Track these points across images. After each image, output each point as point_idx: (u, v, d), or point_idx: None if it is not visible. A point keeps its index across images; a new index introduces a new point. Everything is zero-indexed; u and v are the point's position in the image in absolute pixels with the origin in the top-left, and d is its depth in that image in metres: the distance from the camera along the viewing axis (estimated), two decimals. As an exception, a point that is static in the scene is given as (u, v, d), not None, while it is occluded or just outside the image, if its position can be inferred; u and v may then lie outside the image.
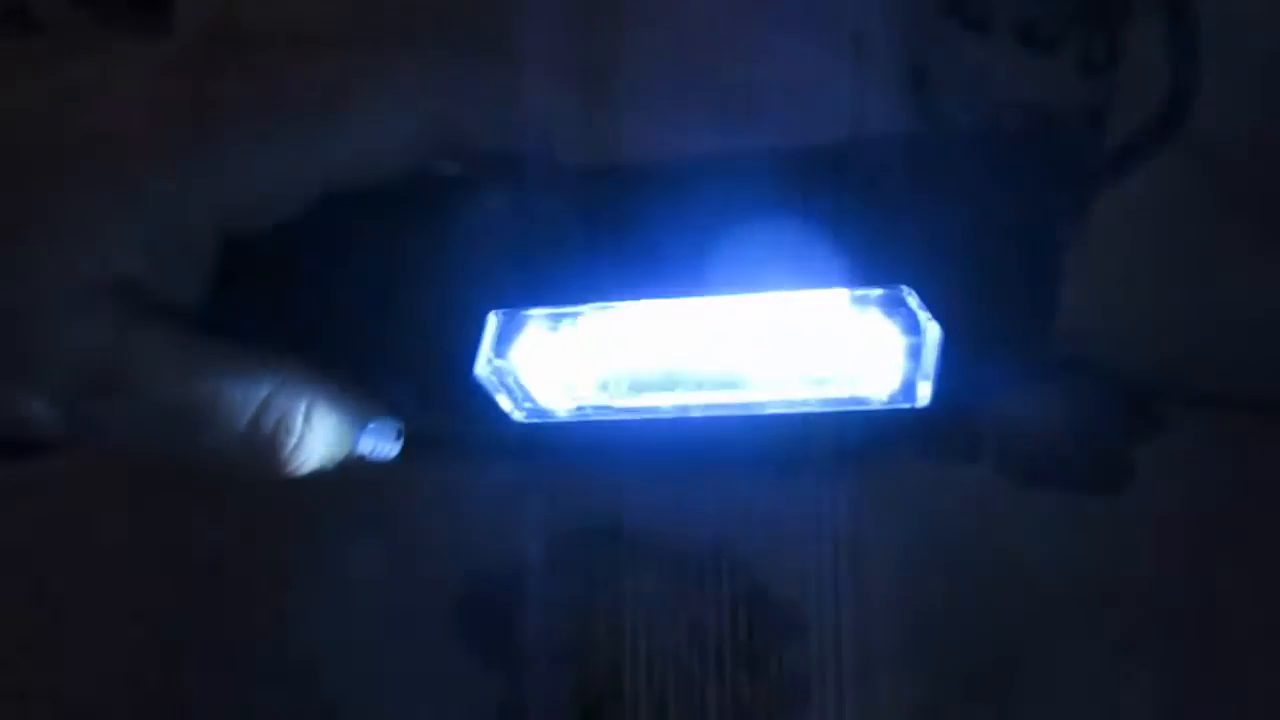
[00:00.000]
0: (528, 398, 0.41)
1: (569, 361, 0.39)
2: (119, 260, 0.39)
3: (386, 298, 0.41)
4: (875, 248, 0.33)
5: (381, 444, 0.44)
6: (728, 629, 0.50)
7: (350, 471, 0.49)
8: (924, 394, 0.34)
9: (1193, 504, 0.49)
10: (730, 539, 0.50)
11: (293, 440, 0.41)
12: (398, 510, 0.52)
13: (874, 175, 0.33)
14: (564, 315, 0.38)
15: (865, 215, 0.33)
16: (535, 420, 0.41)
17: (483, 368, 0.39)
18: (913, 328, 0.33)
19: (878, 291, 0.33)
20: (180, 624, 0.53)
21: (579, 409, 0.41)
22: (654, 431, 0.40)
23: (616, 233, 0.37)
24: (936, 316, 0.33)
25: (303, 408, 0.41)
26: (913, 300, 0.33)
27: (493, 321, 0.39)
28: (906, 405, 0.35)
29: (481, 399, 0.40)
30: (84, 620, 0.53)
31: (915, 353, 0.34)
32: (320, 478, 0.43)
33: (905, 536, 0.50)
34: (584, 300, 0.38)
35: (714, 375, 0.38)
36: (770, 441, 0.44)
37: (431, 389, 0.42)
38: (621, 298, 0.37)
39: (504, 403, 0.41)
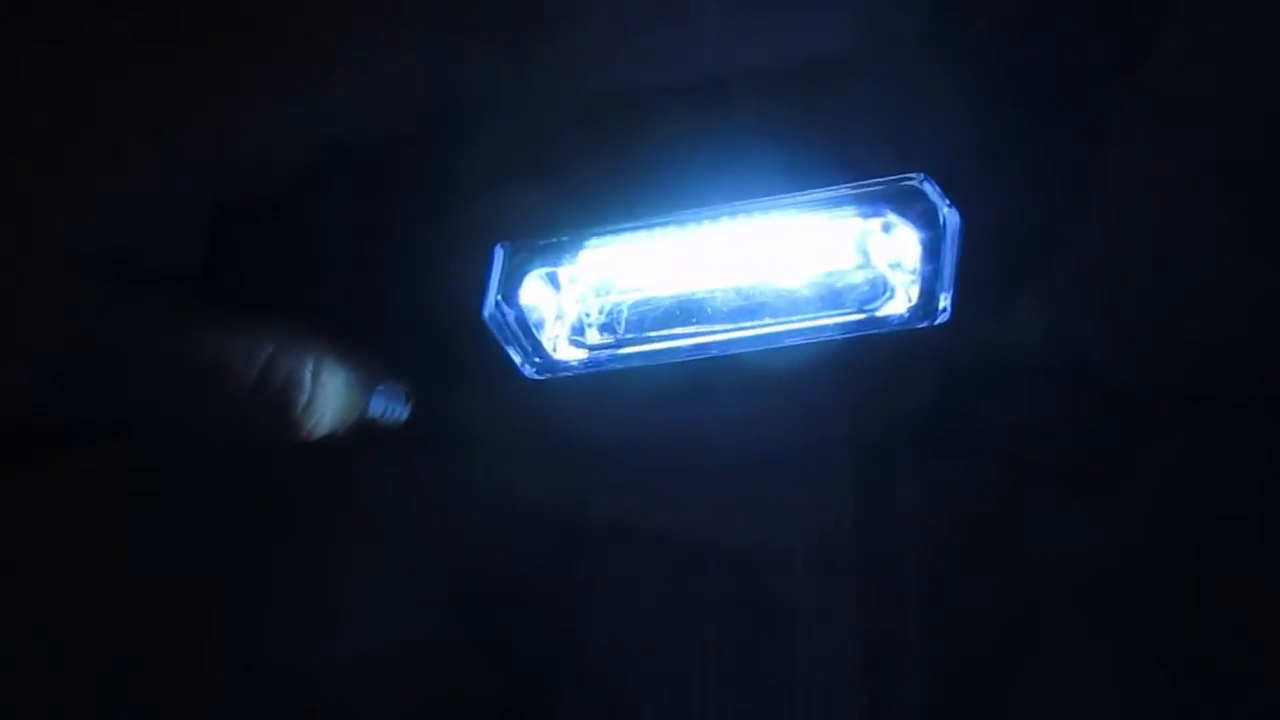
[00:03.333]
0: (538, 350, 0.39)
1: (578, 299, 0.38)
2: (106, 230, 0.38)
3: (389, 254, 0.40)
4: (884, 141, 0.32)
5: (392, 406, 0.42)
6: (726, 628, 0.49)
7: (351, 470, 0.48)
8: (944, 305, 0.33)
9: (1193, 504, 0.47)
10: (728, 537, 0.49)
11: (303, 397, 0.39)
12: (398, 510, 0.50)
13: (884, 75, 0.32)
14: (571, 247, 0.37)
15: (873, 113, 0.32)
16: (546, 375, 0.40)
17: (491, 309, 0.38)
18: (929, 221, 0.32)
19: (890, 182, 0.32)
20: (178, 623, 0.51)
21: (592, 358, 0.39)
22: (665, 383, 0.39)
23: (619, 158, 0.36)
24: (955, 203, 0.32)
25: (309, 365, 0.39)
26: (928, 188, 0.31)
27: (500, 256, 0.38)
28: (926, 324, 0.34)
29: (491, 351, 0.39)
30: (83, 620, 0.51)
31: (933, 250, 0.32)
32: (329, 456, 0.42)
33: (905, 536, 0.49)
34: (590, 226, 0.37)
35: (727, 304, 0.37)
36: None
37: (441, 344, 0.41)
38: (628, 220, 0.36)
39: (514, 356, 0.40)
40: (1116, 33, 0.37)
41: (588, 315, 0.38)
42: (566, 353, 0.39)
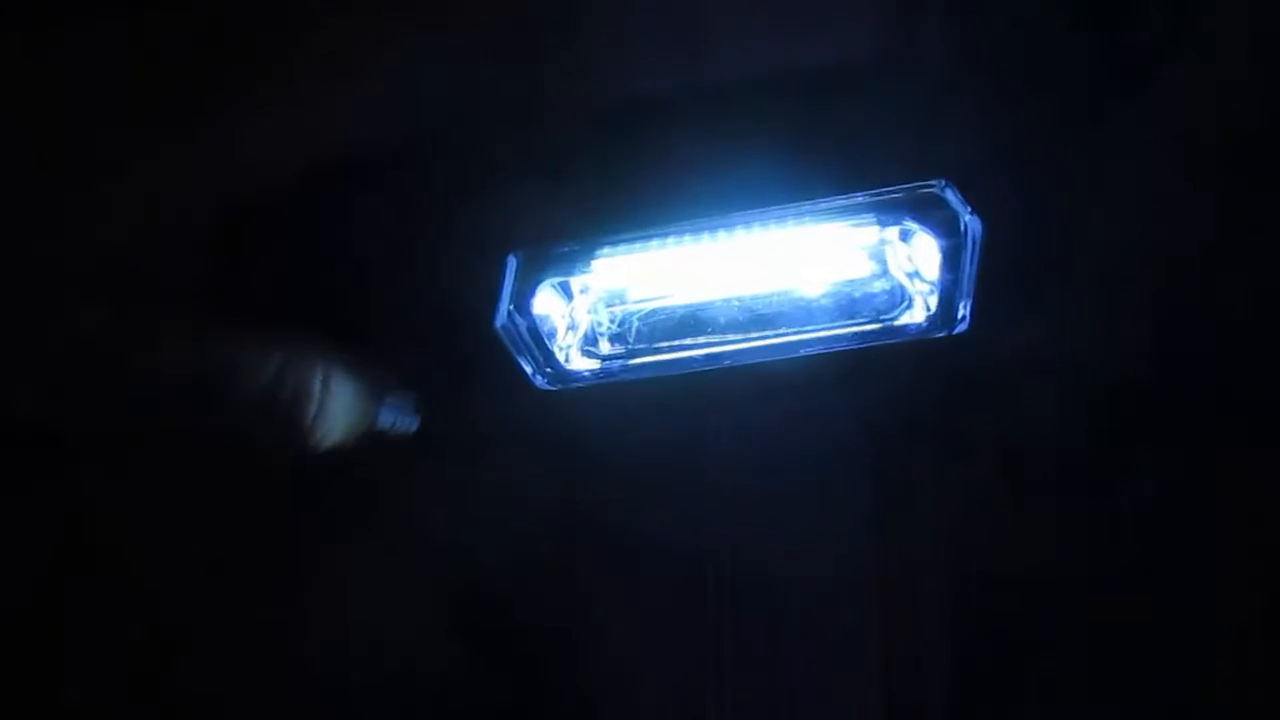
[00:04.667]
0: (550, 360, 0.39)
1: (590, 309, 0.38)
2: (111, 241, 0.38)
3: (400, 263, 0.40)
4: (905, 147, 0.31)
5: (402, 417, 0.42)
6: (737, 634, 0.49)
7: (352, 470, 0.47)
8: (963, 314, 0.33)
9: (1192, 503, 0.48)
10: (733, 538, 0.49)
11: (313, 406, 0.39)
12: (398, 510, 0.50)
13: (904, 81, 0.32)
14: (583, 256, 0.36)
15: (894, 119, 0.32)
16: (557, 387, 0.40)
17: (504, 319, 0.38)
18: (950, 228, 0.32)
19: (909, 190, 0.31)
20: (180, 623, 0.51)
21: (604, 368, 0.39)
22: (678, 392, 0.39)
23: (633, 167, 0.35)
24: (977, 209, 0.31)
25: (319, 375, 0.39)
26: (950, 194, 0.31)
27: (513, 265, 0.37)
28: (944, 333, 0.33)
29: (502, 363, 0.39)
30: (85, 619, 0.51)
31: (953, 258, 0.32)
32: (335, 460, 0.42)
33: (906, 536, 0.49)
34: (603, 235, 0.36)
35: (741, 314, 0.36)
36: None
37: (452, 354, 0.41)
38: (641, 229, 0.35)
39: (526, 366, 0.39)
40: (1127, 40, 0.37)
41: (600, 325, 0.38)
42: (578, 363, 0.39)
